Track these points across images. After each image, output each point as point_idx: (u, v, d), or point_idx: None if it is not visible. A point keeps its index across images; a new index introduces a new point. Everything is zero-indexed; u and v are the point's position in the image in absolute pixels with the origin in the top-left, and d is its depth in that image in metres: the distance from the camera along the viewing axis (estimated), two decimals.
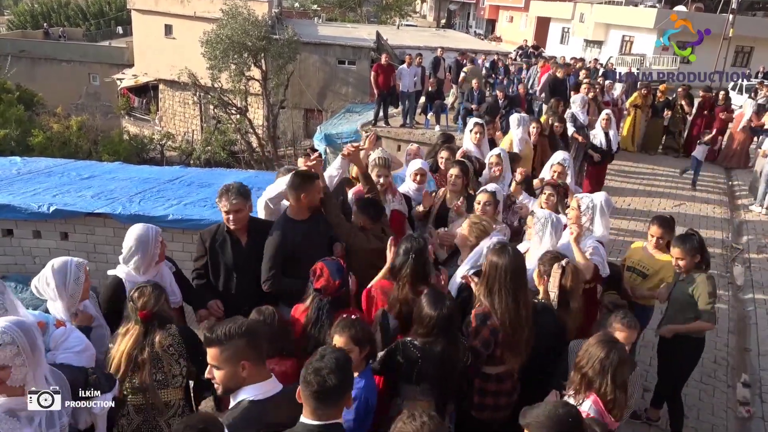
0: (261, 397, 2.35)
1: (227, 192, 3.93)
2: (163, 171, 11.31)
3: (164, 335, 3.03)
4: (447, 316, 2.87)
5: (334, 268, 3.21)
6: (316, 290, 3.19)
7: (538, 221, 3.96)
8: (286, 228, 3.86)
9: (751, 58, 35.15)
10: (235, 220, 3.91)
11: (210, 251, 4.02)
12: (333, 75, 26.33)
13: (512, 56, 26.48)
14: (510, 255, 3.15)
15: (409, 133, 13.50)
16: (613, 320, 3.22)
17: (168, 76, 28.46)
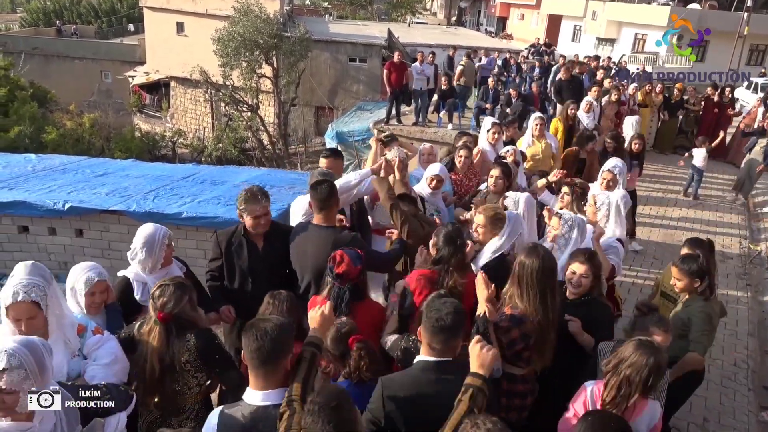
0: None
1: (255, 196, 3.89)
2: (176, 168, 11.36)
3: (181, 348, 2.89)
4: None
5: (354, 255, 3.21)
6: (337, 276, 3.16)
7: (566, 223, 3.92)
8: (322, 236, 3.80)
9: (766, 56, 34.79)
10: (265, 222, 3.90)
11: (226, 254, 3.98)
12: (344, 73, 26.32)
13: (524, 54, 26.35)
14: (541, 255, 3.12)
15: (422, 131, 13.45)
16: (650, 324, 3.15)
17: (180, 74, 28.56)
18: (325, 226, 3.75)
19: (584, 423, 2.28)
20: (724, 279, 7.71)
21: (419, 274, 3.47)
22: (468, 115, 14.08)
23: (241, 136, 24.93)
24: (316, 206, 3.74)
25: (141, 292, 3.48)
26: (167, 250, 3.57)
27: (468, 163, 5.61)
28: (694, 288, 3.76)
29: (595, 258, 3.49)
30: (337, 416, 2.02)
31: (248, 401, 2.39)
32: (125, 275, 3.56)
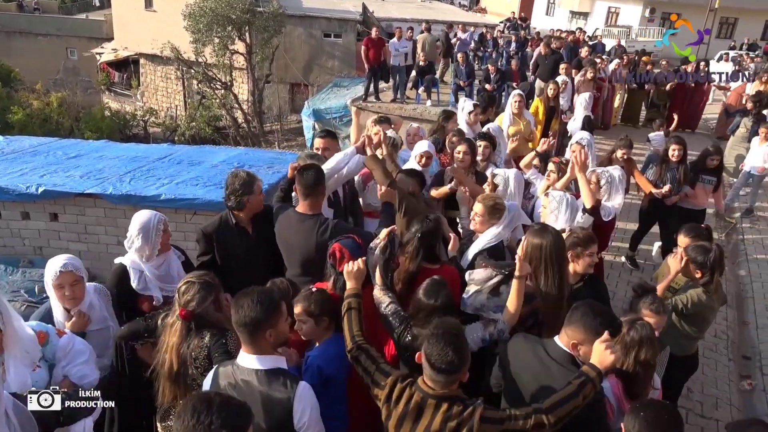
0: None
1: (253, 175, 3.89)
2: (151, 149, 11.12)
3: (197, 346, 2.83)
4: (441, 306, 2.84)
5: (354, 247, 3.18)
6: (341, 273, 3.13)
7: (554, 200, 3.97)
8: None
9: (735, 30, 35.21)
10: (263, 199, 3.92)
11: (219, 246, 3.89)
12: (319, 48, 25.92)
13: (500, 29, 26.21)
14: (552, 234, 3.15)
15: (401, 108, 13.34)
16: (642, 305, 3.20)
17: (149, 50, 27.80)
18: (310, 215, 3.66)
19: (637, 419, 2.21)
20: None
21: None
22: (446, 91, 14.00)
23: (215, 115, 24.48)
24: (302, 193, 3.66)
25: (138, 279, 3.40)
26: (163, 236, 3.49)
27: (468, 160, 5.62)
28: (695, 277, 3.80)
29: (594, 238, 3.54)
30: (456, 341, 2.30)
31: (241, 363, 2.49)
32: (122, 262, 3.48)
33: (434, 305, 2.83)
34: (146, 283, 3.41)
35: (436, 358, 2.28)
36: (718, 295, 3.84)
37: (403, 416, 2.38)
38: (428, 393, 2.34)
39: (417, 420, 2.35)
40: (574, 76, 10.19)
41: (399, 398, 2.40)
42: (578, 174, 4.33)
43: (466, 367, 2.34)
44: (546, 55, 11.83)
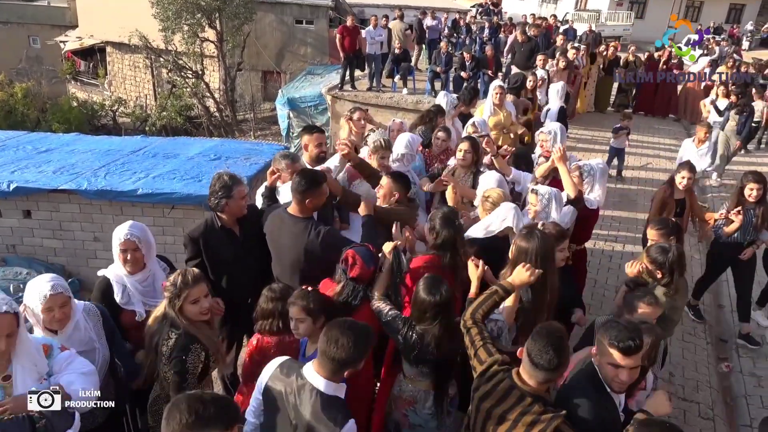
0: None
1: (238, 178, 3.83)
2: (124, 142, 10.93)
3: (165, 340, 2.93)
4: (442, 302, 2.89)
5: (367, 255, 3.18)
6: (352, 279, 3.16)
7: (543, 197, 4.04)
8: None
9: (701, 13, 35.78)
10: (245, 204, 3.86)
11: (206, 250, 3.86)
12: (290, 35, 25.58)
13: (473, 14, 26.25)
14: (538, 239, 3.20)
15: (377, 96, 13.32)
16: (635, 299, 3.25)
17: (116, 38, 27.09)
18: (302, 218, 3.66)
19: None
20: None
21: (422, 261, 3.52)
22: (421, 78, 14.00)
23: (187, 104, 24.01)
24: (294, 196, 3.65)
25: (121, 293, 3.33)
26: (134, 254, 3.34)
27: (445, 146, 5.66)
28: (656, 277, 3.80)
29: (566, 233, 3.64)
30: (559, 343, 2.38)
31: (307, 377, 2.51)
32: (105, 275, 3.39)
33: (437, 301, 2.88)
34: (129, 297, 3.35)
35: (536, 355, 2.38)
36: (680, 294, 3.85)
37: (488, 394, 2.53)
38: (516, 384, 2.47)
39: (499, 403, 2.48)
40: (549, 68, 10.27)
41: (491, 378, 2.56)
42: (559, 165, 4.40)
43: (563, 369, 2.43)
44: (523, 42, 11.90)
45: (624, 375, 2.49)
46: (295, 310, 2.99)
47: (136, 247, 3.27)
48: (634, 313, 3.17)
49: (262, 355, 3.17)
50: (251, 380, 3.18)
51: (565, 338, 2.48)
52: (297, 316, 2.99)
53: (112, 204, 8.33)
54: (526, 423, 2.38)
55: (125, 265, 3.29)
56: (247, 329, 4.18)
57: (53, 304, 2.86)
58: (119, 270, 3.35)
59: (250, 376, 3.20)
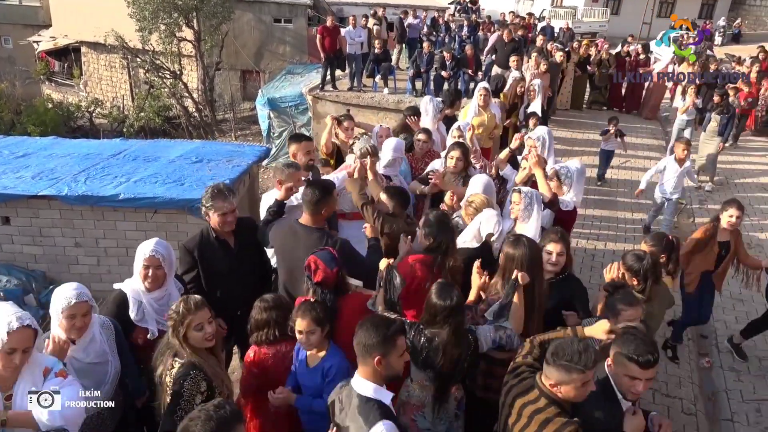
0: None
1: (222, 193, 3.77)
2: (104, 145, 10.81)
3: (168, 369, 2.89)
4: (453, 307, 2.94)
5: (328, 257, 3.22)
6: (316, 284, 3.19)
7: (526, 196, 4.11)
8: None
9: (674, 8, 36.25)
10: (232, 220, 3.82)
11: (201, 261, 3.85)
12: (269, 34, 25.43)
13: (451, 12, 26.30)
14: (525, 246, 3.25)
15: (358, 96, 13.32)
16: (617, 302, 3.29)
17: (91, 38, 26.68)
18: (315, 228, 3.68)
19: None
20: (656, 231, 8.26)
21: (413, 259, 3.56)
22: (402, 77, 14.03)
23: (165, 104, 23.73)
24: (306, 207, 3.68)
25: (136, 310, 3.32)
26: (157, 271, 3.34)
27: (426, 148, 5.70)
28: (632, 284, 3.85)
29: (566, 236, 3.70)
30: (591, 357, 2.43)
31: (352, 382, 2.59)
32: (122, 289, 3.37)
33: (450, 305, 2.93)
34: (144, 314, 3.33)
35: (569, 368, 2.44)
36: (656, 302, 3.88)
37: (513, 387, 2.68)
38: (537, 384, 2.57)
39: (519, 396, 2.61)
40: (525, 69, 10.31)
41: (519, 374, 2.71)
42: (536, 169, 4.48)
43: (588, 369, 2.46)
44: (508, 41, 11.99)
45: (641, 386, 2.58)
46: (306, 322, 3.02)
47: (159, 265, 3.27)
48: (618, 316, 3.21)
49: (260, 367, 3.19)
50: (250, 393, 3.20)
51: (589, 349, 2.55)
52: (308, 329, 3.02)
53: (94, 209, 8.25)
54: (539, 421, 2.46)
55: (145, 282, 3.29)
56: (239, 340, 4.20)
57: (77, 312, 2.90)
58: (137, 285, 3.33)
59: (249, 388, 3.21)
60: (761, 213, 9.34)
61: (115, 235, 8.54)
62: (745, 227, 8.74)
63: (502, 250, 3.36)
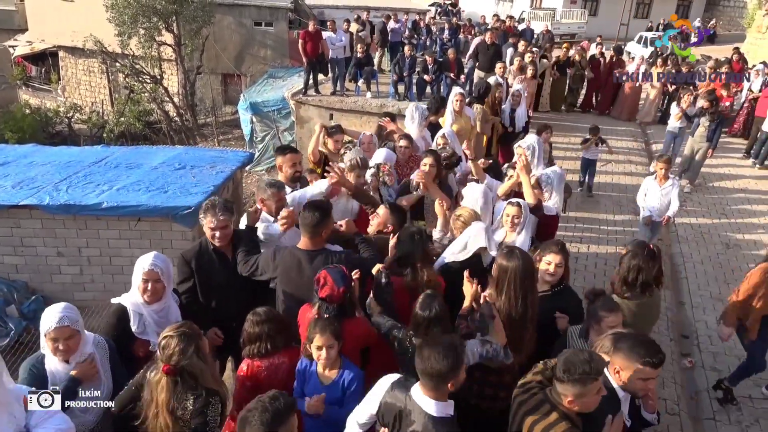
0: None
1: (213, 208, 3.79)
2: (85, 152, 10.71)
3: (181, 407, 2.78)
4: (435, 317, 3.01)
5: (338, 276, 3.23)
6: (321, 299, 3.22)
7: (525, 209, 4.19)
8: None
9: (651, 9, 36.87)
10: (222, 236, 3.83)
11: (198, 272, 3.86)
12: (250, 37, 25.34)
13: (431, 14, 26.49)
14: (519, 258, 3.32)
15: (341, 101, 13.33)
16: (598, 309, 3.35)
17: (69, 43, 26.40)
18: (317, 251, 3.69)
19: None
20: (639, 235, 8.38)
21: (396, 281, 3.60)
22: (384, 80, 14.08)
23: (145, 109, 23.51)
24: (305, 231, 3.67)
25: (137, 323, 3.31)
26: (156, 285, 3.33)
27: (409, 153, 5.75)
28: (619, 291, 3.88)
29: (566, 248, 3.78)
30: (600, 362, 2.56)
31: (416, 399, 2.59)
32: (121, 303, 3.37)
33: (429, 316, 3.00)
34: (145, 327, 3.33)
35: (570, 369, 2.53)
36: (649, 306, 3.89)
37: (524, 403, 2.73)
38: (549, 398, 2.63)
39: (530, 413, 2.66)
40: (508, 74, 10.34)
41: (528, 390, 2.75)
42: (523, 176, 4.56)
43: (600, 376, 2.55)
44: (491, 44, 12.08)
45: (653, 384, 2.77)
46: (326, 337, 3.04)
47: (158, 278, 3.28)
48: (601, 322, 3.28)
49: (254, 380, 3.21)
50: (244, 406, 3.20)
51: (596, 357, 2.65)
52: (328, 343, 3.05)
53: (76, 218, 8.17)
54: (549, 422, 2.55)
55: (144, 295, 3.30)
56: (232, 352, 4.21)
57: (59, 336, 2.87)
58: (137, 299, 3.33)
59: (243, 402, 3.21)
60: (738, 214, 9.54)
61: (98, 243, 8.46)
62: (723, 227, 8.95)
63: (495, 261, 3.41)
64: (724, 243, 8.47)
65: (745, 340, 5.16)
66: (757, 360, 5.20)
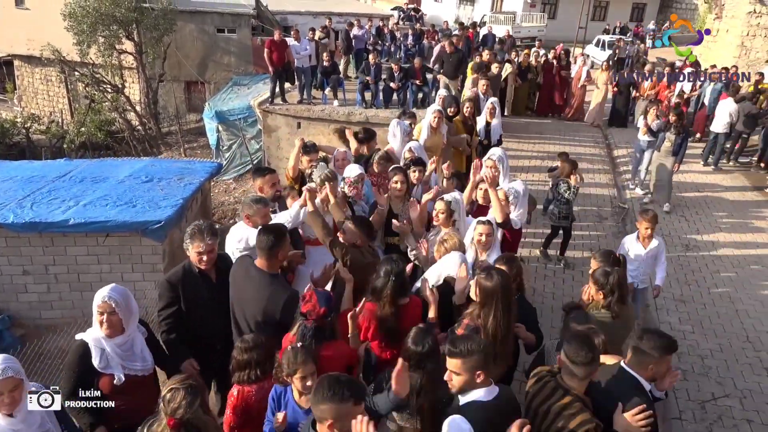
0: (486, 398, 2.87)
1: (201, 233, 3.82)
2: (48, 166, 10.52)
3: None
4: (427, 352, 3.07)
5: (323, 296, 3.31)
6: (301, 314, 3.29)
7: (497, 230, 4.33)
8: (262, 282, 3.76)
9: (607, 12, 37.83)
10: (209, 260, 3.88)
11: (184, 295, 3.88)
12: (213, 44, 25.09)
13: (394, 20, 26.67)
14: (497, 277, 3.49)
15: (308, 109, 13.35)
16: (570, 322, 3.56)
17: (24, 51, 25.73)
18: (268, 273, 3.74)
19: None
20: (603, 240, 8.66)
21: (368, 307, 3.71)
22: (350, 88, 14.16)
23: (107, 118, 23.04)
24: (260, 252, 3.74)
25: (99, 357, 3.27)
26: (112, 317, 3.27)
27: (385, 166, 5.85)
28: (599, 299, 4.00)
29: (516, 261, 3.94)
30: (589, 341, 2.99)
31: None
32: (83, 339, 3.32)
33: (422, 351, 3.06)
34: (108, 361, 3.29)
35: (574, 354, 2.88)
36: (621, 320, 3.99)
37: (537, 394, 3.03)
38: (560, 385, 2.95)
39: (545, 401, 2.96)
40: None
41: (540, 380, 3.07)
42: (489, 190, 4.69)
43: (597, 363, 2.94)
44: (451, 53, 12.27)
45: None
46: (309, 366, 3.06)
47: (112, 311, 3.22)
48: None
49: (244, 405, 3.26)
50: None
51: (592, 337, 3.10)
52: (311, 371, 3.07)
53: (42, 236, 8.05)
54: (568, 415, 2.82)
55: (102, 328, 3.25)
56: (216, 374, 4.25)
57: (2, 388, 2.74)
58: (97, 333, 3.29)
59: (235, 428, 3.26)
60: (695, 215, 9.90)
61: (65, 260, 8.36)
62: (683, 229, 9.29)
63: (476, 283, 3.56)
64: (684, 245, 8.78)
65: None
66: None
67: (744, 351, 6.53)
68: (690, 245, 8.75)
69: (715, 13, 21.72)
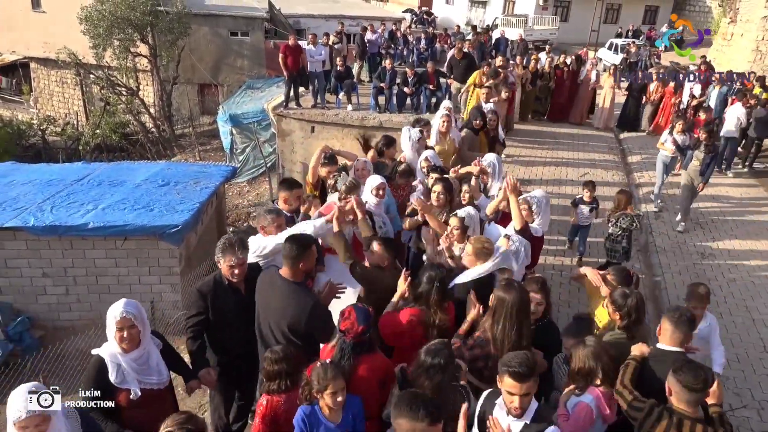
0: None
1: (232, 247, 3.90)
2: (66, 170, 10.65)
3: None
4: (440, 366, 3.07)
5: (362, 314, 3.29)
6: (340, 331, 3.31)
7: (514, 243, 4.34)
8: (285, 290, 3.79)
9: (620, 15, 37.60)
10: (240, 273, 3.94)
11: (213, 306, 3.95)
12: (226, 47, 25.29)
13: (407, 24, 26.74)
14: (516, 291, 3.47)
15: (322, 114, 13.41)
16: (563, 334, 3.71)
17: (40, 54, 26.10)
18: (292, 282, 3.77)
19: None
20: None
21: (409, 313, 3.74)
22: (364, 92, 14.20)
23: (122, 121, 23.32)
24: (285, 261, 3.77)
25: (116, 373, 3.29)
26: (131, 331, 3.30)
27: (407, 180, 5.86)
28: (615, 319, 3.93)
29: (546, 285, 3.95)
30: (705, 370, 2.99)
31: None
32: (99, 354, 3.34)
33: (434, 363, 3.06)
34: (124, 376, 3.30)
35: (691, 382, 2.90)
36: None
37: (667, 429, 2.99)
38: (683, 416, 2.94)
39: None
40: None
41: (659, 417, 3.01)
42: (511, 196, 4.67)
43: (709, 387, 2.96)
44: (460, 58, 12.30)
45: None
46: (339, 382, 3.06)
47: (132, 324, 3.26)
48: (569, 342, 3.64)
49: (273, 414, 3.30)
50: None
51: (702, 367, 3.05)
52: (341, 387, 3.08)
53: (62, 238, 8.16)
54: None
55: (122, 344, 3.27)
56: (239, 386, 4.33)
57: (29, 424, 2.71)
58: (114, 348, 3.31)
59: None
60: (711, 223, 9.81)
61: (84, 263, 8.46)
62: (698, 237, 9.20)
63: (494, 292, 3.56)
64: (700, 253, 8.69)
65: None
66: None
67: (761, 361, 6.46)
68: (705, 253, 8.67)
69: (730, 17, 21.55)
